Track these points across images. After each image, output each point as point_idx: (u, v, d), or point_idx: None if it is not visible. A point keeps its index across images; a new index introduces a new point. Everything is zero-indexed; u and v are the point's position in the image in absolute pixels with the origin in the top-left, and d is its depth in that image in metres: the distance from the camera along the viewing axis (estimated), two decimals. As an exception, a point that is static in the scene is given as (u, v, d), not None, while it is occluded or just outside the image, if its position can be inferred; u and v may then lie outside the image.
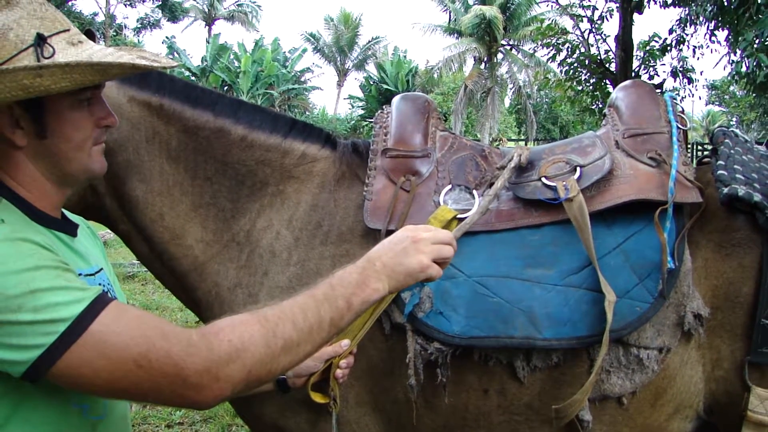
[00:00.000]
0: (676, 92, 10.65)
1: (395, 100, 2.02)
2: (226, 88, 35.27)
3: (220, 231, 1.88)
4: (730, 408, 1.66)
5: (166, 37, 39.55)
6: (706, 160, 1.91)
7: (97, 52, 1.21)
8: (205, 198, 1.88)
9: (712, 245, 1.68)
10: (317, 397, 1.64)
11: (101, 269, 1.44)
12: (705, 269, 1.67)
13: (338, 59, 44.75)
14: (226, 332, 1.13)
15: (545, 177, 1.74)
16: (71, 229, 1.36)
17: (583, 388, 1.56)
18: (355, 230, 1.80)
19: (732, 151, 1.79)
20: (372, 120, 2.02)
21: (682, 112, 1.89)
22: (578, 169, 1.74)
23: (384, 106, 2.02)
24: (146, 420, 4.23)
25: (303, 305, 1.23)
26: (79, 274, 1.24)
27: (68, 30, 1.22)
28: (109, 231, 1.97)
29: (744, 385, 1.62)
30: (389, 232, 1.71)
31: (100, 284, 1.39)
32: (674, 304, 1.63)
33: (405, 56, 41.48)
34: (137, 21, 38.08)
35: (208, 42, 40.03)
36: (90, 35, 1.35)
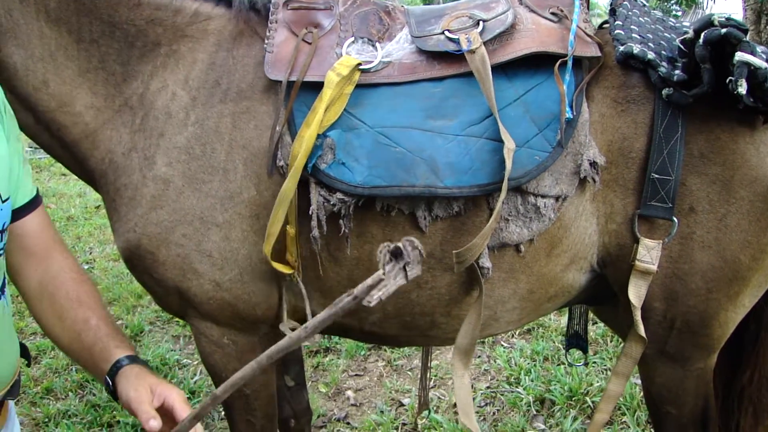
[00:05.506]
0: None
1: None
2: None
3: (111, 96, 1.79)
4: (621, 259, 1.73)
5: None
6: (605, 25, 1.94)
7: None
8: (92, 62, 1.77)
9: (608, 101, 1.72)
10: (282, 268, 1.65)
11: None
12: (601, 124, 1.71)
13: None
14: None
15: (448, 30, 1.72)
16: None
17: (482, 232, 1.59)
18: (256, 86, 1.73)
19: (629, 13, 1.82)
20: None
21: None
22: (481, 23, 1.73)
23: None
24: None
25: None
26: None
27: None
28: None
29: (634, 237, 1.69)
30: (290, 84, 1.67)
31: None
32: (572, 153, 1.67)
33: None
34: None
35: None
36: None
